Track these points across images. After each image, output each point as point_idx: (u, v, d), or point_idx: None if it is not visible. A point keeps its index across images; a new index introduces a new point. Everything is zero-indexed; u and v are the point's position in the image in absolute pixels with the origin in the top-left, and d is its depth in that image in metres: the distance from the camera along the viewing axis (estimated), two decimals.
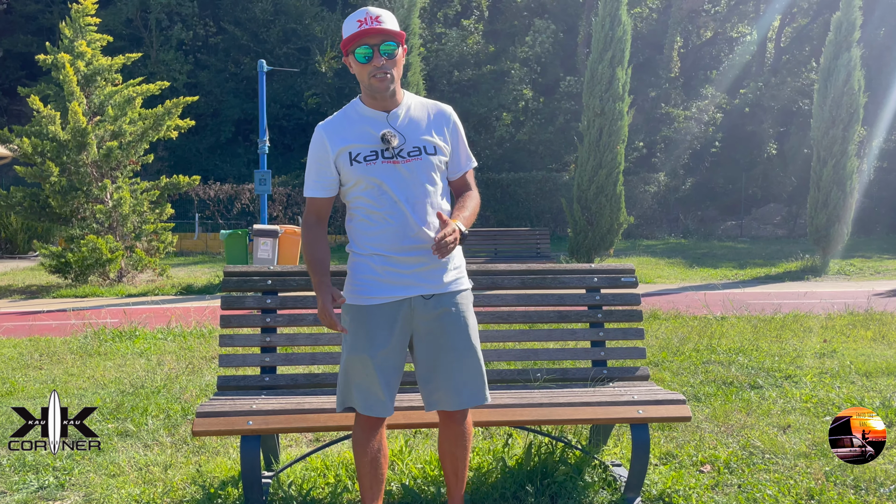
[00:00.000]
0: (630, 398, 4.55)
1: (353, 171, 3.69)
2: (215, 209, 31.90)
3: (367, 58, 3.64)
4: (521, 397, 4.55)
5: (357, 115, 3.80)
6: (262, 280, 4.81)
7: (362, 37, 3.63)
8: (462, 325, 3.79)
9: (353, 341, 3.74)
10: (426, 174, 3.72)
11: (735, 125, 37.74)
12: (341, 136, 3.75)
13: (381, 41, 3.64)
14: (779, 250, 25.93)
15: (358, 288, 3.78)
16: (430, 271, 3.73)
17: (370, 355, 3.68)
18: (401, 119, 3.77)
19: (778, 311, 12.02)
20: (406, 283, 3.71)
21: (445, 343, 3.76)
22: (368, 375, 3.70)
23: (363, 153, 3.69)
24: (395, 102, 3.78)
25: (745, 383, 7.38)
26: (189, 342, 9.91)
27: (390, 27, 3.66)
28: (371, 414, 3.74)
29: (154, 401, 6.76)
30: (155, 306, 14.22)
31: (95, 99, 18.61)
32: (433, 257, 3.70)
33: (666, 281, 18.42)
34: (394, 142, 3.67)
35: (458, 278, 3.85)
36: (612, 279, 5.04)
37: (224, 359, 4.78)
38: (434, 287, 3.74)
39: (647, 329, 10.37)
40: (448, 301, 3.78)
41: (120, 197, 17.54)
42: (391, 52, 3.66)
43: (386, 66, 3.65)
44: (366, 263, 3.76)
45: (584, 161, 19.82)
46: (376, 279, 3.72)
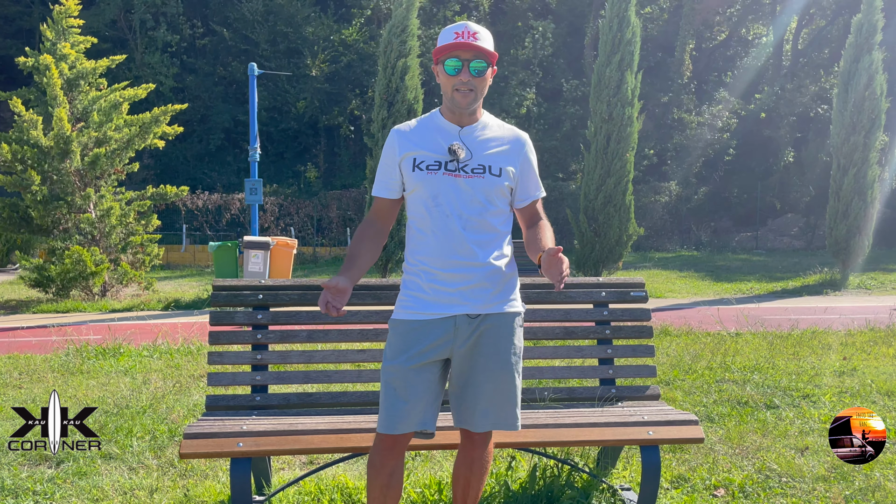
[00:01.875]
0: (640, 418, 4.55)
1: (413, 177, 3.75)
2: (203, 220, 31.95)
3: (457, 70, 3.70)
4: (526, 417, 4.55)
5: (432, 125, 3.87)
6: (252, 294, 4.81)
7: (456, 49, 3.69)
8: (502, 346, 3.80)
9: (390, 352, 3.77)
10: (485, 194, 3.75)
11: (750, 131, 37.78)
12: (411, 141, 3.82)
13: (473, 57, 3.70)
14: (796, 263, 25.94)
15: (404, 303, 3.82)
16: (475, 290, 3.75)
17: (405, 367, 3.69)
18: (474, 135, 3.83)
19: (795, 328, 12.02)
20: (451, 300, 3.73)
21: (481, 363, 3.77)
22: (398, 389, 3.71)
23: (427, 161, 3.75)
24: (472, 119, 3.85)
25: (760, 403, 7.37)
26: (176, 360, 9.91)
27: (485, 45, 3.73)
28: (386, 431, 3.72)
29: (139, 421, 6.75)
30: (140, 322, 14.22)
31: (79, 104, 18.61)
32: (479, 276, 3.74)
33: (677, 295, 18.42)
34: (460, 154, 3.73)
35: (509, 299, 3.87)
36: (621, 294, 5.05)
37: (213, 377, 4.78)
38: (480, 307, 3.76)
39: (658, 346, 10.37)
40: (493, 321, 3.79)
41: (108, 207, 17.56)
42: (481, 70, 3.73)
43: (472, 82, 3.72)
44: (414, 280, 3.81)
45: (591, 169, 19.81)
46: (422, 297, 3.76)
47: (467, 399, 3.80)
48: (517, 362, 3.87)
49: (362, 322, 4.85)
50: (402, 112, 18.43)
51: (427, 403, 3.76)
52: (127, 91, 19.00)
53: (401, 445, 3.79)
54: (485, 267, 3.73)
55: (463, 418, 3.85)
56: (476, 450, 3.92)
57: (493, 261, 3.76)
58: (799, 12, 40.83)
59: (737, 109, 38.57)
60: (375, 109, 19.17)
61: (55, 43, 18.76)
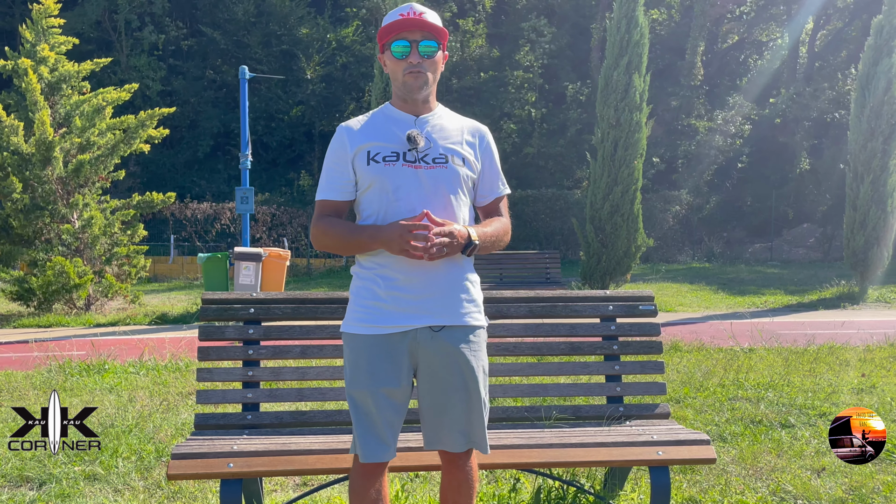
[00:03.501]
0: (649, 438, 4.55)
1: (368, 171, 3.64)
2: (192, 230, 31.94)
3: (404, 54, 3.64)
4: (529, 437, 4.56)
5: (384, 117, 3.79)
6: (243, 308, 4.81)
7: (401, 30, 3.63)
8: (471, 364, 3.70)
9: (353, 374, 3.68)
10: (450, 185, 3.66)
11: (764, 138, 37.81)
12: (363, 134, 3.72)
13: (421, 38, 3.63)
14: (812, 275, 25.93)
15: (359, 315, 3.70)
16: (439, 299, 3.66)
17: (370, 391, 3.61)
18: (430, 124, 3.75)
19: (811, 343, 12.02)
20: (412, 310, 3.63)
21: (452, 382, 3.68)
22: (369, 413, 3.64)
23: (383, 153, 3.65)
24: (427, 108, 3.78)
25: (775, 422, 7.37)
26: (163, 377, 9.91)
27: (433, 22, 3.65)
28: (370, 461, 3.66)
29: (125, 441, 6.75)
30: (126, 337, 14.21)
31: (61, 109, 18.60)
32: (444, 284, 3.66)
33: (688, 309, 18.42)
34: (420, 142, 3.64)
35: (471, 312, 3.76)
36: (629, 307, 5.05)
37: (202, 395, 4.78)
38: (443, 318, 3.66)
39: (668, 362, 10.37)
40: (458, 336, 3.69)
41: (90, 216, 17.55)
42: (430, 52, 3.66)
43: (422, 64, 3.64)
44: (369, 287, 3.69)
45: (598, 177, 19.82)
46: (380, 305, 3.65)
47: (443, 420, 3.73)
48: (485, 382, 3.78)
49: None
50: None
51: (398, 427, 3.73)
52: (111, 94, 18.95)
53: (382, 468, 3.73)
54: (450, 272, 3.67)
55: (438, 439, 3.78)
56: (460, 472, 3.83)
57: (458, 265, 3.72)
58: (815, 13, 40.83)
59: (750, 115, 38.59)
60: None
61: (35, 45, 18.72)
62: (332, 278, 28.67)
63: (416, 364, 3.70)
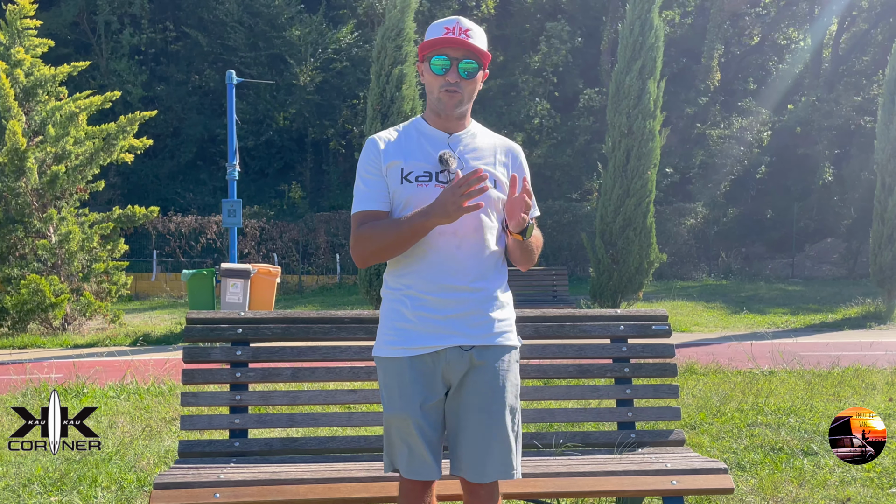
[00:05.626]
0: (662, 466, 4.56)
1: (401, 190, 3.71)
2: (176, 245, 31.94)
3: (444, 69, 3.69)
4: (535, 465, 4.56)
5: (416, 132, 3.86)
6: (231, 328, 4.82)
7: (444, 45, 3.68)
8: (500, 385, 3.72)
9: (389, 398, 3.75)
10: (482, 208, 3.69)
11: (784, 147, 37.79)
12: (396, 149, 3.79)
13: (462, 56, 3.69)
14: (837, 293, 25.92)
15: (388, 338, 3.77)
16: (468, 318, 3.71)
17: (409, 413, 3.67)
18: (463, 143, 3.82)
19: (836, 365, 12.01)
20: (440, 330, 3.68)
21: (476, 403, 3.71)
22: (410, 436, 3.68)
23: (416, 172, 3.72)
24: (460, 126, 3.85)
25: (797, 449, 7.37)
26: (146, 401, 9.91)
27: (478, 44, 3.71)
28: (417, 478, 3.71)
29: (104, 469, 6.74)
30: (106, 359, 14.21)
31: (36, 116, 18.54)
32: (473, 302, 3.71)
33: (704, 329, 18.41)
34: (452, 164, 3.71)
35: (504, 332, 3.81)
36: (642, 327, 5.05)
37: (187, 420, 4.78)
38: (473, 338, 3.71)
39: (683, 386, 10.37)
40: (489, 356, 3.73)
41: (67, 231, 17.52)
42: (471, 71, 3.71)
43: (460, 84, 3.70)
44: (397, 308, 3.76)
45: (609, 189, 19.84)
46: (408, 327, 3.71)
47: (462, 445, 3.73)
48: (515, 404, 3.79)
49: (353, 359, 4.86)
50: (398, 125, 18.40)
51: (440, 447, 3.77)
52: (87, 100, 18.88)
53: (428, 486, 3.80)
54: (480, 292, 3.73)
55: (458, 465, 3.78)
56: (481, 502, 3.80)
57: (489, 284, 3.76)
58: (839, 14, 40.81)
59: (770, 122, 38.57)
60: (368, 122, 19.18)
61: (9, 47, 18.72)
62: (324, 296, 28.67)
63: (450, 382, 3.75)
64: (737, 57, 43.09)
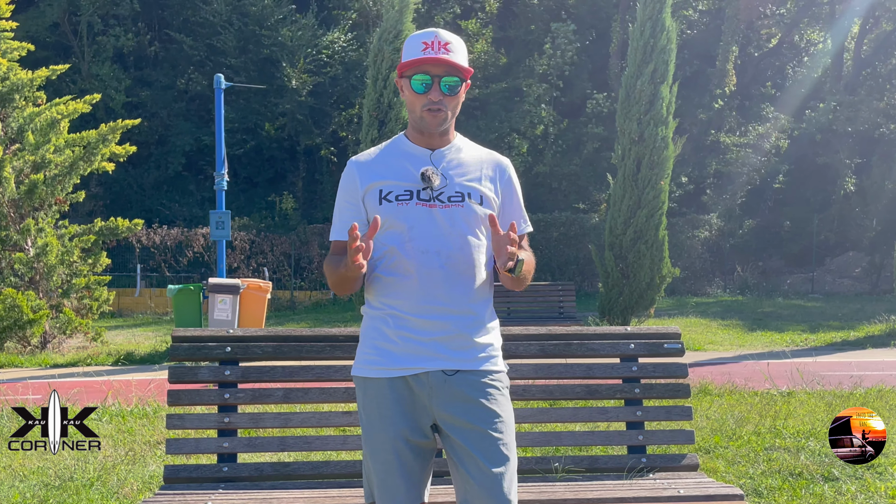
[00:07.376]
0: (675, 493, 4.56)
1: (381, 211, 3.73)
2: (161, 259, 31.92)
3: (426, 87, 3.73)
4: (539, 492, 4.56)
5: (397, 150, 3.90)
6: (219, 347, 4.82)
7: (424, 64, 3.72)
8: (488, 412, 3.72)
9: (368, 420, 3.78)
10: (467, 225, 3.76)
11: (803, 155, 37.78)
12: (374, 171, 3.84)
13: (444, 73, 3.73)
14: (859, 310, 25.91)
15: (368, 357, 3.81)
16: (452, 341, 3.73)
17: (388, 435, 3.69)
18: (447, 159, 3.86)
19: (858, 386, 12.00)
20: (422, 352, 3.70)
21: (466, 432, 3.69)
22: (387, 462, 3.69)
23: (396, 192, 3.76)
24: (444, 141, 3.89)
25: (816, 474, 7.36)
26: (129, 423, 9.91)
27: (459, 60, 3.75)
28: None
29: (86, 496, 6.74)
30: (87, 379, 14.19)
31: (13, 122, 18.49)
32: (458, 324, 3.73)
33: (719, 347, 18.41)
34: (435, 181, 3.75)
35: (491, 357, 3.83)
36: (653, 345, 5.05)
37: (172, 444, 4.78)
38: (457, 361, 3.73)
39: (697, 407, 10.36)
40: (473, 381, 3.74)
41: (45, 243, 17.50)
42: (454, 87, 3.76)
43: (443, 101, 3.74)
44: (378, 327, 3.79)
45: (619, 199, 19.84)
46: (389, 347, 3.74)
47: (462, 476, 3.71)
48: (511, 430, 3.78)
49: (348, 379, 4.86)
50: (396, 132, 18.40)
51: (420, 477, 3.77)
52: (67, 105, 18.85)
53: None
54: (465, 316, 3.75)
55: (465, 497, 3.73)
56: None
57: (475, 307, 3.78)
58: (862, 15, 40.71)
59: (788, 129, 38.56)
60: (364, 129, 19.22)
61: None
62: (318, 313, 28.64)
63: (435, 414, 3.75)
64: (753, 60, 43.08)
